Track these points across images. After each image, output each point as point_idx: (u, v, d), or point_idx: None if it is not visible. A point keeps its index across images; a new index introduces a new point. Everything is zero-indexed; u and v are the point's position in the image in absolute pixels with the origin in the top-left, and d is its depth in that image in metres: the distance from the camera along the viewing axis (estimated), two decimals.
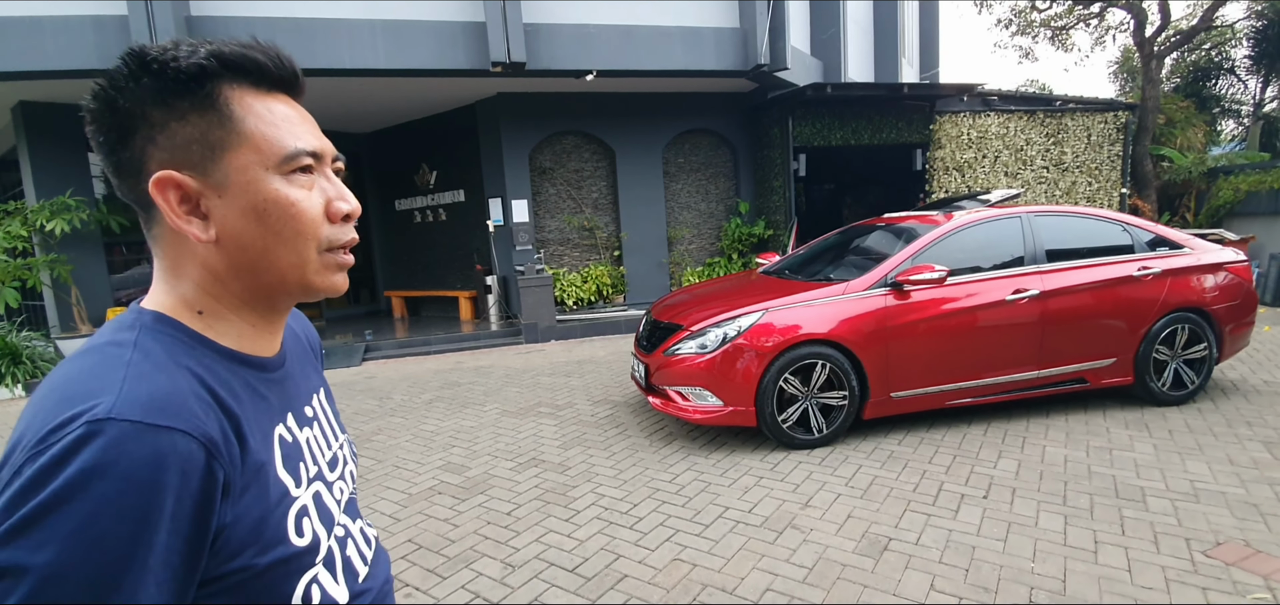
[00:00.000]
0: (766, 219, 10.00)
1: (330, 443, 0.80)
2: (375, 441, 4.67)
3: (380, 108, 9.33)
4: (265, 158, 0.63)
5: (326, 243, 0.68)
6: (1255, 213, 9.31)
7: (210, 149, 0.62)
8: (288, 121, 0.66)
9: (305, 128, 0.68)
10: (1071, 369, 4.30)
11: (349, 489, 0.82)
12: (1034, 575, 2.58)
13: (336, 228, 0.69)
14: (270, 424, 0.68)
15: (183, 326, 0.64)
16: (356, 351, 7.95)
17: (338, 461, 0.80)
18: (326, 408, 0.84)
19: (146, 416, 0.53)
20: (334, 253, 0.69)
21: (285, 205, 0.64)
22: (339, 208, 0.69)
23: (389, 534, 3.23)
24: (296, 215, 0.65)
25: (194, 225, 0.62)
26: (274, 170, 0.64)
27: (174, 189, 0.61)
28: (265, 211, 0.64)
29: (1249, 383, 4.87)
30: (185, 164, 0.61)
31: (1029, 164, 10.22)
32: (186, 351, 0.62)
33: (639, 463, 3.94)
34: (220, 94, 0.62)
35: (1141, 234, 4.52)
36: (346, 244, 0.70)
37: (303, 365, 0.83)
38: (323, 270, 0.68)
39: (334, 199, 0.69)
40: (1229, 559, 2.61)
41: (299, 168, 0.65)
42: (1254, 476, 3.31)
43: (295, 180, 0.65)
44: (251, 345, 0.70)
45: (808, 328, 3.93)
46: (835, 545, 2.87)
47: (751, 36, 8.35)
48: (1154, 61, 11.16)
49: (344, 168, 0.73)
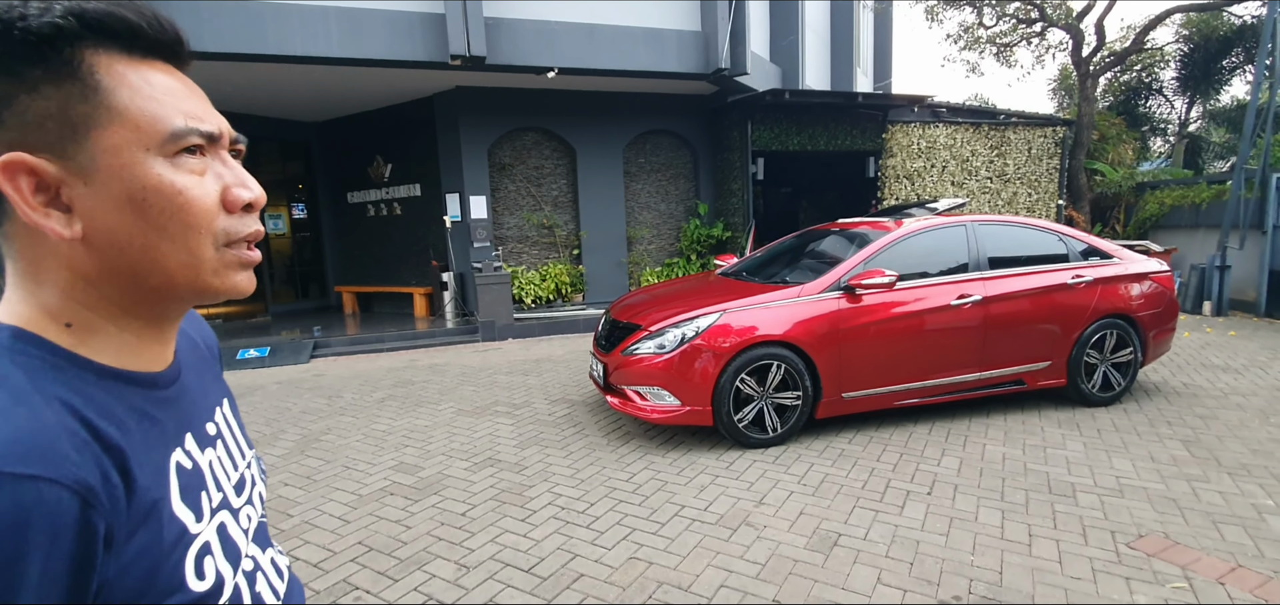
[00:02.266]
0: (725, 221, 10.13)
1: (237, 463, 0.71)
2: (324, 441, 4.53)
3: (333, 97, 9.05)
4: (144, 137, 0.53)
5: (224, 236, 0.58)
6: (1178, 226, 9.94)
7: (71, 127, 0.51)
8: (171, 94, 0.55)
9: (194, 102, 0.57)
10: (1010, 371, 4.50)
11: (258, 514, 0.73)
12: (974, 568, 2.70)
13: (236, 219, 0.59)
14: (165, 451, 0.58)
15: (46, 344, 0.53)
16: (305, 348, 7.68)
17: (245, 484, 0.71)
18: (231, 421, 0.74)
19: (4, 465, 0.43)
20: (235, 248, 0.59)
21: (170, 193, 0.54)
22: (239, 195, 0.59)
23: (338, 536, 3.14)
24: (184, 205, 0.55)
25: (54, 219, 0.51)
26: (156, 152, 0.54)
27: (25, 175, 0.50)
28: (144, 202, 0.53)
29: (1170, 385, 5.20)
30: (40, 145, 0.50)
31: (974, 174, 10.65)
32: (53, 376, 0.51)
33: (596, 462, 3.94)
34: (82, 61, 0.51)
35: (1075, 244, 4.77)
36: (249, 237, 0.60)
37: (200, 375, 0.72)
38: (222, 269, 0.58)
39: (232, 186, 0.58)
40: (1150, 551, 2.79)
41: (186, 148, 0.55)
42: (1173, 473, 3.54)
43: (182, 163, 0.55)
44: (135, 359, 0.59)
45: (764, 329, 4.00)
46: (788, 542, 2.94)
47: (713, 40, 8.44)
48: (1090, 80, 11.78)
49: (244, 150, 0.63)
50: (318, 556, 2.96)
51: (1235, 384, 5.17)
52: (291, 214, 11.22)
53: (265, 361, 7.35)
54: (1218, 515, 3.07)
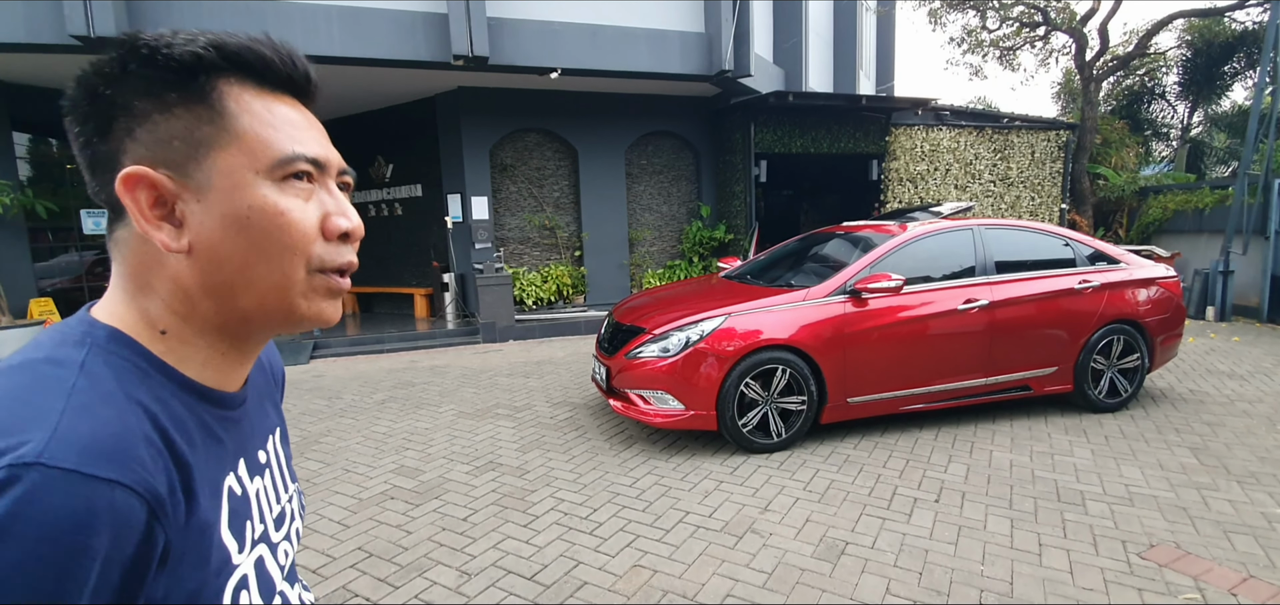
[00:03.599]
0: (727, 223, 10.10)
1: (280, 495, 0.71)
2: (323, 443, 4.49)
3: (334, 97, 9.01)
4: (256, 160, 0.56)
5: (318, 262, 0.59)
6: (1181, 230, 9.91)
7: (194, 146, 0.54)
8: (289, 124, 0.58)
9: (310, 133, 0.60)
10: (1017, 377, 4.46)
11: (293, 551, 0.72)
12: (983, 577, 2.66)
13: (332, 247, 0.60)
14: (221, 473, 0.59)
15: (140, 349, 0.55)
16: (304, 349, 7.65)
17: (285, 518, 0.71)
18: (280, 452, 0.74)
19: (84, 463, 0.44)
20: (325, 275, 0.60)
21: (273, 214, 0.56)
22: (337, 223, 0.60)
23: (338, 541, 3.10)
24: (285, 226, 0.57)
25: (164, 231, 0.54)
26: (264, 175, 0.56)
27: (146, 188, 0.53)
28: (248, 220, 0.55)
29: (1176, 391, 5.16)
30: (163, 161, 0.54)
31: (977, 178, 10.63)
32: (140, 380, 0.53)
33: (599, 466, 3.90)
34: (215, 89, 0.55)
35: (1082, 249, 4.74)
36: (343, 267, 0.61)
37: (262, 401, 0.73)
38: (310, 294, 0.59)
39: (333, 214, 0.60)
40: (1162, 560, 2.75)
41: (294, 173, 0.57)
42: (1183, 481, 3.50)
43: (289, 188, 0.57)
44: (216, 377, 0.60)
45: (769, 333, 3.97)
46: (794, 549, 2.90)
47: (716, 42, 8.41)
48: (1093, 84, 11.76)
49: (352, 184, 0.66)
50: (317, 562, 2.92)
51: (1241, 390, 5.14)
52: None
53: None
54: (1228, 524, 3.04)
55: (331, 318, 0.62)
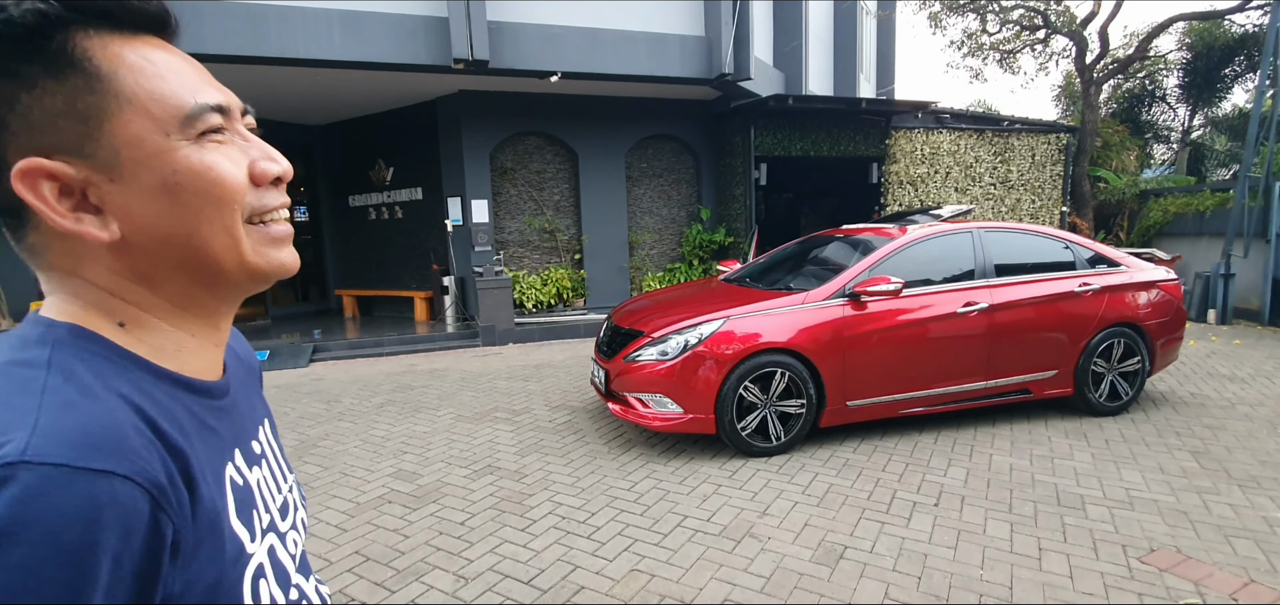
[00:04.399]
0: (727, 226, 10.09)
1: (279, 485, 0.67)
2: (322, 447, 4.48)
3: (335, 100, 9.03)
4: (161, 122, 0.50)
5: (253, 212, 0.55)
6: (1182, 233, 9.89)
7: (82, 121, 0.47)
8: (175, 72, 0.52)
9: (199, 77, 0.53)
10: (1017, 380, 4.45)
11: (301, 540, 0.69)
12: (983, 582, 2.64)
13: (264, 192, 0.56)
14: (221, 463, 0.55)
15: (107, 342, 0.50)
16: (304, 352, 7.64)
17: (289, 508, 0.68)
18: (273, 442, 0.71)
19: (76, 457, 0.41)
20: (266, 224, 0.56)
21: (201, 172, 0.51)
22: (267, 168, 0.55)
23: (335, 545, 3.09)
24: (217, 181, 0.52)
25: (87, 223, 0.48)
26: (177, 135, 0.50)
27: (47, 180, 0.47)
28: (177, 185, 0.50)
29: (1177, 394, 5.15)
30: (55, 147, 0.47)
31: (978, 181, 10.62)
32: (117, 372, 0.49)
33: (597, 470, 3.89)
34: (75, 47, 0.47)
35: (1082, 251, 4.72)
36: (279, 210, 0.57)
37: (247, 391, 0.69)
38: (263, 247, 0.56)
39: (259, 159, 0.55)
40: (1162, 565, 2.73)
41: (206, 129, 0.52)
42: (1183, 485, 3.49)
43: (206, 143, 0.52)
44: (193, 365, 0.56)
45: (768, 336, 3.96)
46: (792, 554, 2.89)
47: (716, 45, 8.42)
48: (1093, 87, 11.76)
49: (255, 122, 0.60)
50: (314, 566, 2.91)
51: (1242, 393, 5.12)
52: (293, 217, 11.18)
53: (264, 365, 7.29)
54: (1229, 528, 3.02)
55: (291, 264, 0.59)
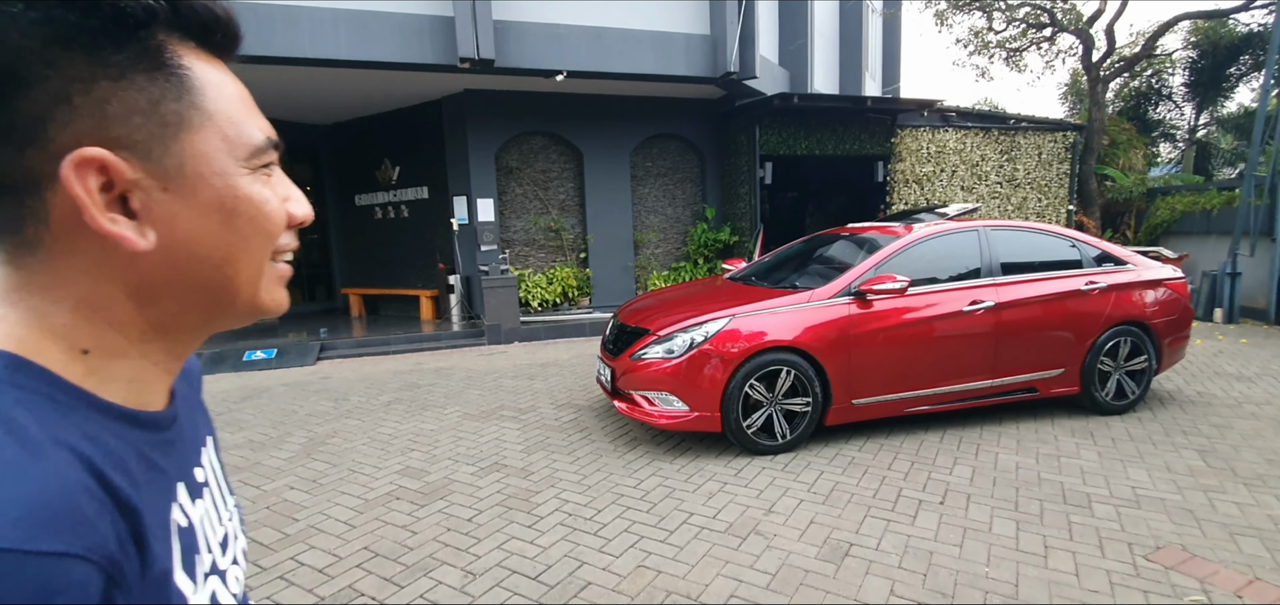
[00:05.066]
0: (732, 225, 10.10)
1: (222, 516, 0.62)
2: (330, 444, 4.52)
3: (341, 100, 9.07)
4: (233, 145, 0.49)
5: (278, 250, 0.55)
6: (1189, 232, 9.85)
7: (163, 126, 0.46)
8: (245, 102, 0.52)
9: (257, 111, 0.54)
10: (1023, 378, 4.45)
11: (243, 575, 0.64)
12: (988, 579, 2.65)
13: (289, 234, 0.56)
14: (167, 506, 0.50)
15: (50, 377, 0.44)
16: (311, 350, 7.69)
17: (228, 540, 0.62)
18: (216, 465, 0.65)
19: (26, 540, 0.36)
20: (276, 263, 0.56)
21: (258, 204, 0.51)
22: (295, 211, 0.56)
23: (343, 541, 3.12)
24: (268, 216, 0.52)
25: (121, 225, 0.45)
26: (243, 162, 0.50)
27: (96, 174, 0.43)
28: (235, 212, 0.50)
29: (1183, 393, 5.13)
30: (122, 142, 0.44)
31: (984, 179, 10.59)
32: (61, 417, 0.43)
33: (603, 468, 3.91)
34: (170, 52, 0.46)
35: (1089, 250, 4.72)
36: (294, 251, 0.58)
37: (190, 409, 0.63)
38: (272, 283, 0.56)
39: (292, 201, 0.56)
40: (1168, 563, 2.74)
41: (265, 164, 0.52)
42: (1190, 483, 3.49)
43: (261, 177, 0.52)
44: (142, 395, 0.51)
45: (773, 334, 3.97)
46: (798, 551, 2.90)
47: (721, 44, 8.43)
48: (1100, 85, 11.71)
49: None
50: (323, 562, 2.94)
51: (1249, 393, 5.10)
52: None
53: (272, 363, 7.35)
54: (1235, 526, 3.02)
55: (285, 304, 0.58)
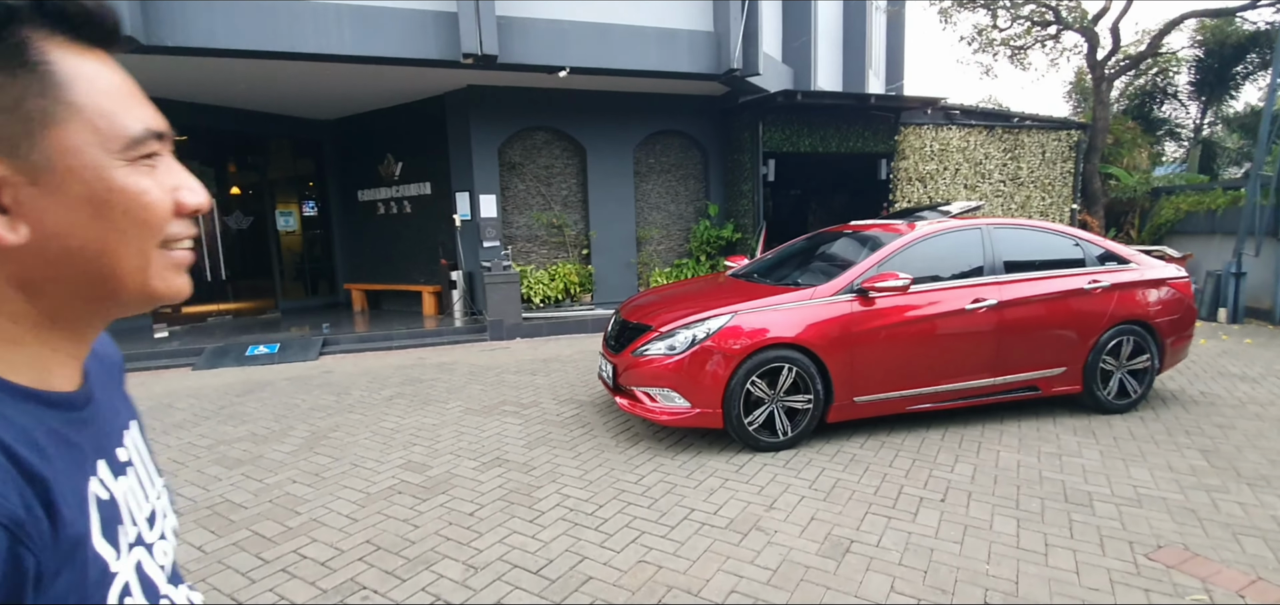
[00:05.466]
0: (735, 222, 10.09)
1: (148, 493, 0.64)
2: (332, 438, 4.53)
3: (344, 95, 9.08)
4: (104, 138, 0.50)
5: (169, 238, 0.56)
6: (1193, 231, 9.81)
7: (25, 122, 0.46)
8: (122, 92, 0.52)
9: (142, 101, 0.54)
10: (1025, 377, 4.44)
11: (172, 550, 0.67)
12: (989, 577, 2.65)
13: (181, 222, 0.57)
14: (83, 479, 0.53)
15: None
16: (313, 344, 7.71)
17: (156, 517, 0.64)
18: (141, 447, 0.67)
19: None
20: (171, 250, 0.56)
21: (134, 196, 0.52)
22: (187, 199, 0.56)
23: (346, 534, 3.13)
24: (146, 206, 0.52)
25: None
26: (117, 154, 0.51)
27: None
28: (108, 204, 0.50)
29: (1187, 393, 5.12)
30: None
31: (987, 177, 10.56)
32: None
33: (605, 463, 3.92)
34: (34, 48, 0.47)
35: (1092, 249, 4.70)
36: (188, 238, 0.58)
37: (110, 395, 0.66)
38: (165, 272, 0.56)
39: (183, 190, 0.56)
40: (1170, 562, 2.73)
41: (145, 153, 0.53)
42: (1192, 483, 3.48)
43: (140, 168, 0.52)
44: (48, 378, 0.53)
45: (775, 331, 3.97)
46: (799, 547, 2.90)
47: (725, 41, 8.41)
48: (1104, 84, 11.65)
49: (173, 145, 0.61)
50: (326, 554, 2.95)
51: (1253, 393, 5.09)
52: (302, 211, 11.29)
53: (274, 357, 7.37)
54: (1238, 526, 3.01)
55: (185, 290, 0.59)
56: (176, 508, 0.71)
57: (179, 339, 8.20)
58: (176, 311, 9.86)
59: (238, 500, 3.55)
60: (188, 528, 3.24)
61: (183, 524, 3.27)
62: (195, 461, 4.16)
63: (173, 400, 5.73)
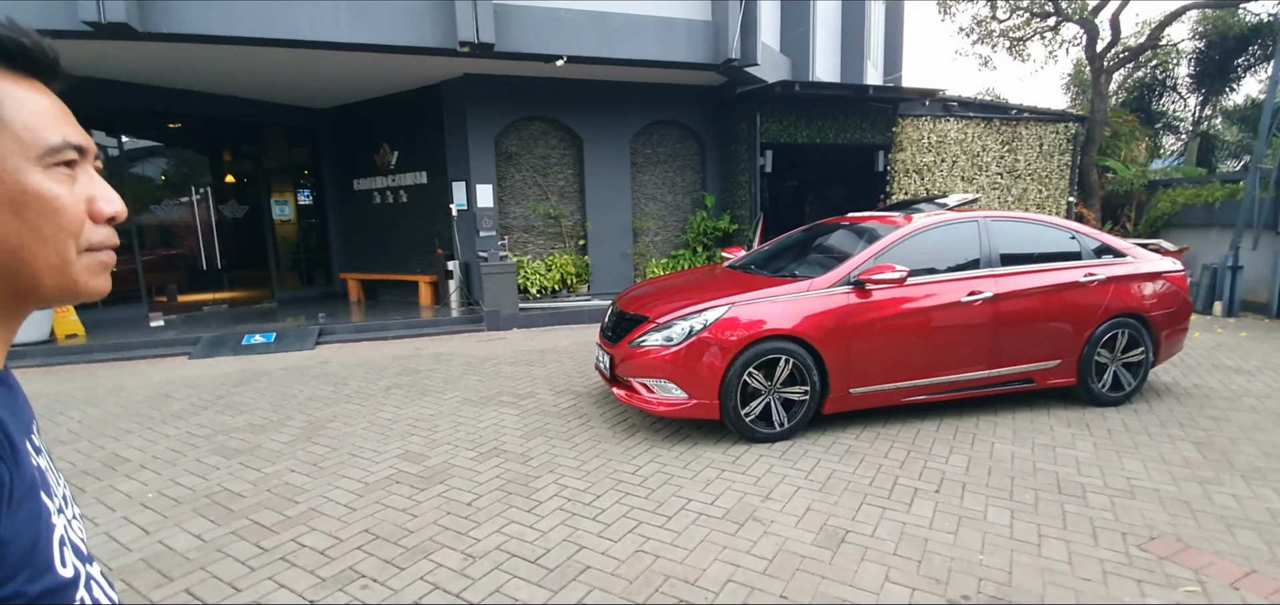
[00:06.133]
0: (732, 213, 10.08)
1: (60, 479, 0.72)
2: (330, 428, 4.53)
3: (340, 83, 9.02)
4: (25, 147, 0.58)
5: (87, 243, 0.63)
6: (1190, 224, 9.84)
7: None
8: (47, 112, 0.61)
9: (65, 121, 0.63)
10: (1020, 369, 4.46)
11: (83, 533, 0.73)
12: (982, 567, 2.67)
13: (99, 229, 0.64)
14: (22, 438, 0.60)
15: None
16: (309, 334, 7.70)
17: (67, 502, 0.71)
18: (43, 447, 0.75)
19: None
20: (96, 253, 0.64)
21: (47, 199, 0.59)
22: (102, 208, 0.64)
23: (344, 523, 3.14)
24: (58, 210, 0.60)
25: None
26: (35, 162, 0.59)
27: None
28: (24, 204, 0.58)
29: (1181, 386, 5.15)
30: None
31: (984, 170, 10.56)
32: None
33: (602, 454, 3.93)
34: None
35: (1088, 242, 4.71)
36: (110, 245, 0.66)
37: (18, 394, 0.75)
38: (86, 273, 0.64)
39: (98, 198, 0.64)
40: (1162, 553, 2.76)
41: (61, 162, 0.60)
42: (1185, 475, 3.51)
43: (56, 174, 0.60)
44: None
45: (772, 323, 3.97)
46: (795, 537, 2.92)
47: (723, 30, 8.37)
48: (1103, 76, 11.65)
49: (102, 166, 0.69)
50: (324, 544, 2.96)
51: (1248, 386, 5.12)
52: (298, 200, 11.23)
53: (271, 347, 7.36)
54: (1231, 519, 3.04)
55: (105, 288, 0.67)
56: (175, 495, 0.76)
57: (175, 328, 8.18)
58: (172, 300, 9.84)
59: (236, 489, 3.56)
60: (186, 516, 3.24)
61: (182, 512, 3.28)
62: (194, 451, 4.16)
63: (170, 389, 5.72)
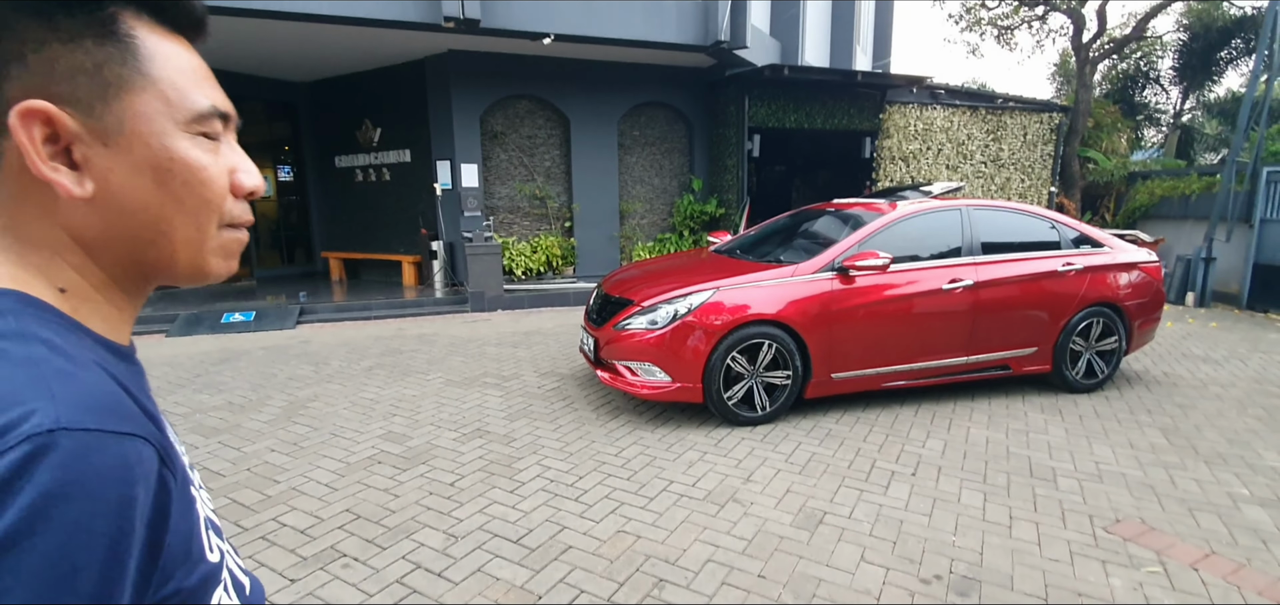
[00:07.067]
0: (719, 197, 10.08)
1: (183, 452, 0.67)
2: (311, 408, 4.51)
3: (321, 57, 8.84)
4: (174, 109, 0.53)
5: (227, 218, 0.58)
6: (1167, 216, 10.02)
7: (103, 86, 0.50)
8: (196, 72, 0.57)
9: (212, 83, 0.58)
10: (997, 356, 4.55)
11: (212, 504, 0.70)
12: (955, 547, 2.75)
13: (238, 203, 0.59)
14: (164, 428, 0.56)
15: (54, 310, 0.51)
16: (290, 314, 7.61)
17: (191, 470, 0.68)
18: None
19: (103, 422, 0.43)
20: (232, 231, 0.60)
21: (195, 168, 0.55)
22: (244, 181, 0.59)
23: (325, 503, 3.14)
24: (205, 181, 0.56)
25: (62, 174, 0.50)
26: (182, 126, 0.54)
27: (41, 124, 0.48)
28: (169, 172, 0.53)
29: (1151, 374, 5.28)
30: (66, 98, 0.49)
31: (969, 158, 10.65)
32: (78, 342, 0.49)
33: (585, 436, 3.95)
34: (121, 23, 0.51)
35: (1068, 232, 4.79)
36: (246, 223, 0.61)
37: None
38: (219, 250, 0.59)
39: (240, 171, 0.59)
40: (1126, 535, 2.85)
41: (207, 130, 0.56)
42: (1151, 460, 3.61)
43: (201, 142, 0.56)
44: (116, 332, 0.57)
45: (757, 308, 4.00)
46: (774, 518, 2.97)
47: (713, 11, 8.31)
48: (1088, 67, 11.75)
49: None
50: (305, 523, 2.96)
51: (1214, 375, 5.26)
52: (278, 176, 11.03)
53: (250, 326, 7.28)
54: (1193, 502, 3.14)
55: (233, 271, 0.62)
56: None
57: (151, 305, 8.04)
58: None
59: (216, 468, 3.54)
60: None
61: None
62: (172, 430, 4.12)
63: (147, 367, 5.61)
